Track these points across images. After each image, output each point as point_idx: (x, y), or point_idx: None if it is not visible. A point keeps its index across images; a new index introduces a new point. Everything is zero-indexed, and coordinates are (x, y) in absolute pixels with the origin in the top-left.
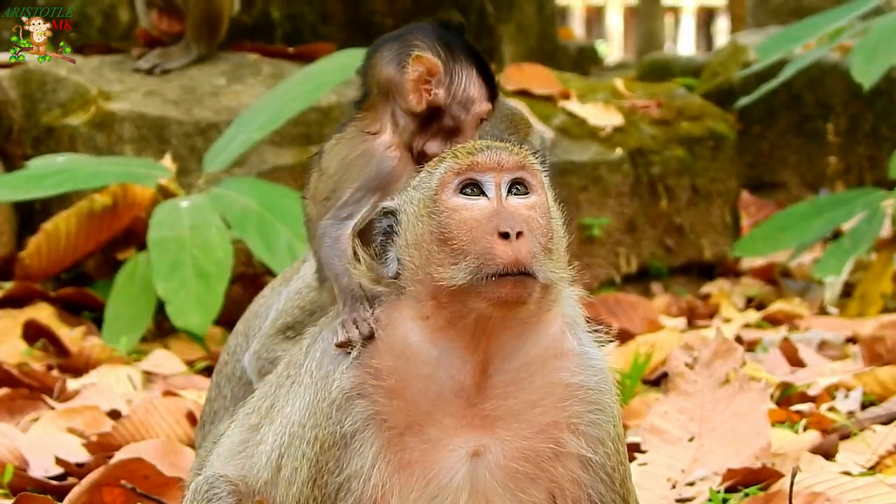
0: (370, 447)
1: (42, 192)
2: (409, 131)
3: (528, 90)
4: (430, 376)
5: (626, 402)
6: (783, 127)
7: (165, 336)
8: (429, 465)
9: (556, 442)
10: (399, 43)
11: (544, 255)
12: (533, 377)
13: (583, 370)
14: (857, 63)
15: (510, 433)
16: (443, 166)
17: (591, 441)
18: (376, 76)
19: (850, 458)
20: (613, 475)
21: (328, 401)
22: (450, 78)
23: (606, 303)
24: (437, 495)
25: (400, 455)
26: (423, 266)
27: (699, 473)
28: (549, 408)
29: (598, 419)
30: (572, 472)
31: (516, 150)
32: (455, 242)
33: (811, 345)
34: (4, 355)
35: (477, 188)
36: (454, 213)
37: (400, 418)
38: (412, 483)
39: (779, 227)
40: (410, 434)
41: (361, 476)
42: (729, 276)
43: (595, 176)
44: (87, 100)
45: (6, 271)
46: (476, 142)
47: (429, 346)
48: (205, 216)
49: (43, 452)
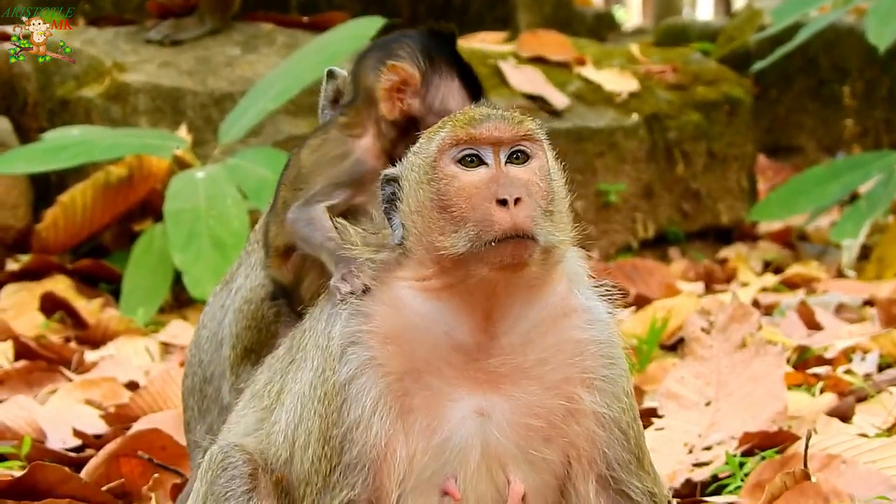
0: (368, 393)
1: (58, 165)
2: (389, 138)
3: (544, 57)
4: (424, 328)
5: (643, 367)
6: (799, 91)
7: (182, 307)
8: (432, 414)
9: (569, 398)
10: (382, 51)
11: (545, 218)
12: (543, 336)
13: (592, 325)
14: (872, 26)
15: (518, 390)
16: (441, 134)
17: (606, 396)
18: (361, 81)
19: (867, 420)
20: (628, 432)
21: (329, 355)
22: (426, 89)
23: (624, 268)
24: (445, 451)
25: (401, 401)
26: (426, 233)
27: (716, 438)
28: (560, 364)
29: (611, 374)
30: (588, 429)
31: (515, 120)
32: (454, 210)
33: (828, 308)
34: (22, 328)
35: (476, 157)
36: (453, 179)
37: (396, 363)
38: (416, 433)
39: (795, 191)
40: (409, 380)
41: (362, 423)
42: (746, 241)
43: (611, 142)
44: (101, 72)
45: (23, 244)
46: (475, 110)
47: (421, 302)
48: (221, 187)
49: (61, 424)
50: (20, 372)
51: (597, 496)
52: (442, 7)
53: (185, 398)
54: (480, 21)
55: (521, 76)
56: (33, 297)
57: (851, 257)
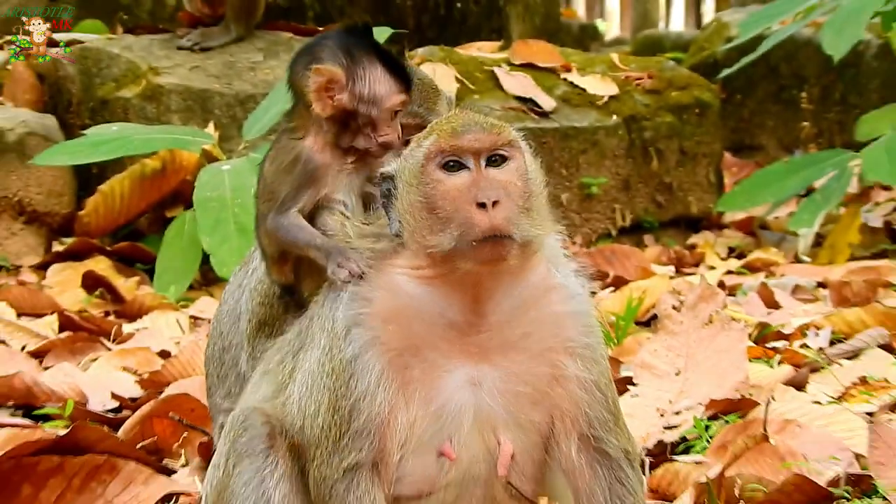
0: (373, 368)
1: (98, 158)
2: (332, 133)
3: (534, 63)
4: (420, 309)
5: (620, 340)
6: (762, 95)
7: (210, 285)
8: (429, 384)
9: (553, 365)
10: (307, 55)
11: (522, 215)
12: (527, 312)
13: (570, 299)
14: (827, 38)
15: (507, 360)
16: (427, 142)
17: (586, 361)
18: (295, 86)
19: (820, 388)
20: (606, 393)
21: (335, 336)
22: (352, 82)
23: (604, 253)
24: (441, 417)
25: (402, 374)
26: (416, 231)
27: (685, 403)
28: (543, 335)
29: (589, 341)
30: (571, 392)
31: (494, 129)
32: (440, 211)
33: (786, 289)
34: (67, 303)
35: (458, 163)
36: (438, 184)
37: (396, 341)
38: (415, 401)
39: (758, 185)
40: (409, 354)
41: (368, 395)
42: (713, 229)
43: (593, 140)
44: (138, 75)
45: (67, 228)
46: (458, 119)
47: (415, 286)
48: (244, 178)
49: (100, 389)
50: (65, 342)
51: (578, 453)
52: (443, 18)
53: (207, 365)
54: (478, 31)
55: (513, 81)
56: (77, 276)
57: (807, 244)
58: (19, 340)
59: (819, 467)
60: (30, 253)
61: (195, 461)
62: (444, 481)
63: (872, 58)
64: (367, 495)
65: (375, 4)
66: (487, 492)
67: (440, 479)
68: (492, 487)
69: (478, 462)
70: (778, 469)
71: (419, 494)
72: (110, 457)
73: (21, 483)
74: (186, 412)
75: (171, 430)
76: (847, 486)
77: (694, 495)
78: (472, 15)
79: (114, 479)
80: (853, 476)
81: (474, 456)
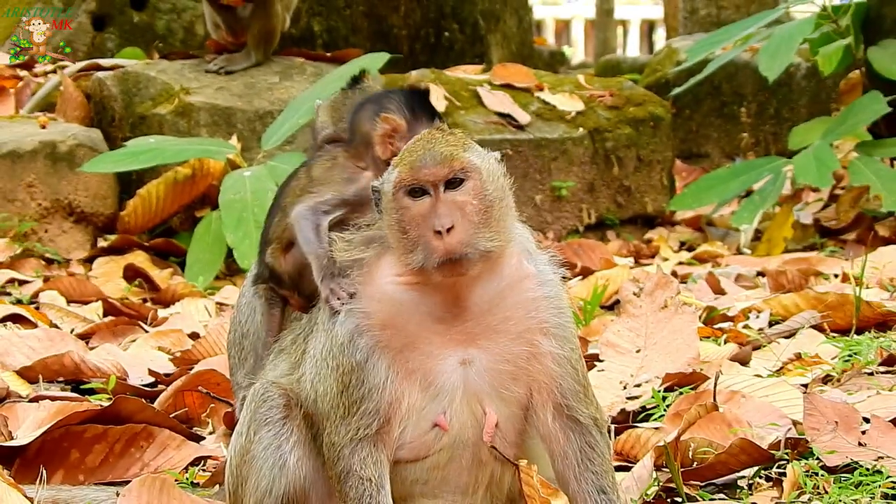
0: (382, 366)
1: (137, 166)
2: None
3: (511, 83)
4: (410, 311)
5: (587, 322)
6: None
7: (233, 275)
8: (428, 372)
9: (530, 344)
10: (376, 104)
11: (481, 229)
12: (504, 299)
13: (542, 285)
14: (763, 61)
15: (490, 342)
16: (395, 171)
17: (559, 339)
18: (358, 128)
19: (761, 364)
20: (577, 367)
21: (338, 343)
22: (410, 134)
23: (572, 247)
24: (437, 395)
25: (404, 366)
26: (394, 246)
27: (644, 377)
28: (521, 318)
29: (561, 321)
30: (546, 367)
31: (447, 160)
32: (408, 234)
33: (730, 277)
34: (109, 291)
35: (422, 189)
36: (405, 210)
37: (396, 341)
38: (417, 387)
39: (704, 188)
40: (408, 350)
41: (380, 387)
42: (666, 226)
43: (563, 149)
44: (171, 94)
45: (111, 227)
46: (416, 152)
47: (402, 292)
48: (263, 183)
49: (139, 366)
50: (108, 325)
51: (553, 421)
52: (433, 45)
53: (229, 349)
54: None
55: (493, 98)
56: (118, 268)
57: (747, 238)
58: (69, 324)
59: (761, 433)
60: (78, 248)
61: (221, 429)
62: (438, 447)
63: (802, 78)
64: (371, 458)
65: (375, 34)
66: (475, 455)
67: (434, 445)
68: (479, 451)
69: (467, 429)
70: (726, 434)
71: (416, 458)
72: (147, 425)
73: (70, 448)
74: (213, 386)
75: (200, 401)
76: (786, 448)
77: (654, 457)
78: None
79: (150, 445)
80: (791, 440)
81: (464, 424)
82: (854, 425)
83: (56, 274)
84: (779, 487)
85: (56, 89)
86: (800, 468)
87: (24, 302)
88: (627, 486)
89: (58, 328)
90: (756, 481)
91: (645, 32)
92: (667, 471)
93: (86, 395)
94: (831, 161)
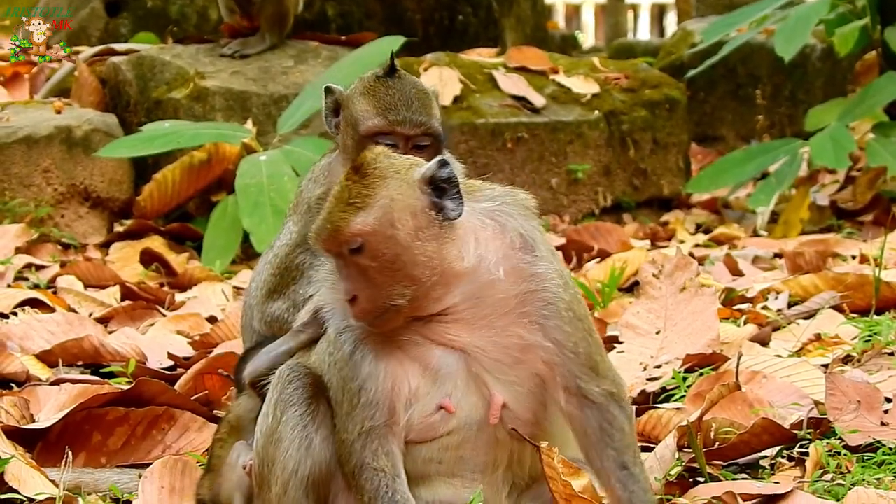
0: (369, 356)
1: (153, 150)
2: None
3: (526, 66)
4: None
5: (606, 304)
6: (722, 93)
7: (250, 259)
8: (422, 357)
9: (519, 337)
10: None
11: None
12: (483, 300)
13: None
14: (779, 42)
15: (480, 339)
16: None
17: (548, 330)
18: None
19: (781, 344)
20: (577, 351)
21: (330, 338)
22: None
23: (589, 230)
24: (437, 379)
25: (395, 354)
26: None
27: (664, 358)
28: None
29: (548, 313)
30: (540, 357)
31: (334, 233)
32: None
33: (747, 259)
34: (127, 276)
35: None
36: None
37: (384, 344)
38: (415, 372)
39: (720, 170)
40: (395, 339)
41: (374, 376)
42: (682, 208)
43: (578, 132)
44: (186, 78)
45: (127, 211)
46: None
47: None
48: (279, 167)
49: (158, 349)
50: (126, 309)
51: (566, 402)
52: (448, 29)
53: (242, 332)
54: (477, 39)
55: (508, 82)
56: (135, 253)
57: (764, 221)
58: (87, 308)
59: (783, 412)
60: (94, 233)
61: None
62: (447, 429)
63: (817, 59)
64: (382, 449)
65: (390, 18)
66: (490, 435)
67: (442, 427)
68: (495, 431)
69: (477, 410)
70: (748, 414)
71: (425, 440)
72: (169, 408)
73: (92, 431)
74: (232, 369)
75: (220, 384)
76: (808, 428)
77: (676, 437)
78: (472, 26)
79: (172, 427)
80: (813, 420)
81: (472, 406)
82: (876, 405)
83: (73, 259)
84: (801, 467)
85: (70, 75)
86: (822, 448)
87: (41, 287)
88: (650, 465)
89: (76, 312)
90: (778, 461)
91: (656, 16)
92: (688, 451)
93: (106, 379)
94: (848, 142)
